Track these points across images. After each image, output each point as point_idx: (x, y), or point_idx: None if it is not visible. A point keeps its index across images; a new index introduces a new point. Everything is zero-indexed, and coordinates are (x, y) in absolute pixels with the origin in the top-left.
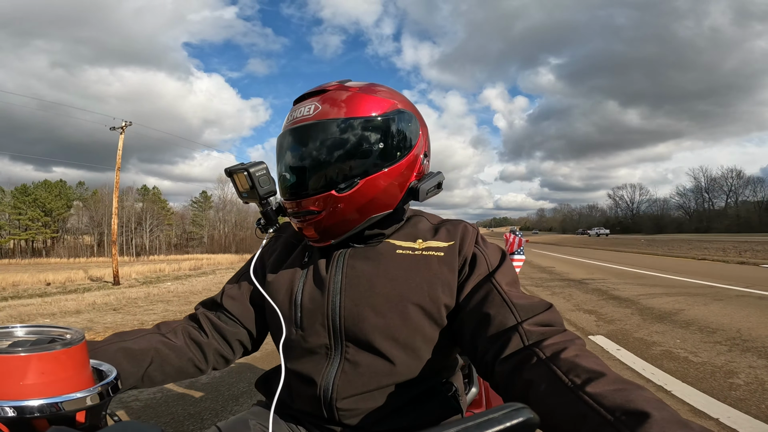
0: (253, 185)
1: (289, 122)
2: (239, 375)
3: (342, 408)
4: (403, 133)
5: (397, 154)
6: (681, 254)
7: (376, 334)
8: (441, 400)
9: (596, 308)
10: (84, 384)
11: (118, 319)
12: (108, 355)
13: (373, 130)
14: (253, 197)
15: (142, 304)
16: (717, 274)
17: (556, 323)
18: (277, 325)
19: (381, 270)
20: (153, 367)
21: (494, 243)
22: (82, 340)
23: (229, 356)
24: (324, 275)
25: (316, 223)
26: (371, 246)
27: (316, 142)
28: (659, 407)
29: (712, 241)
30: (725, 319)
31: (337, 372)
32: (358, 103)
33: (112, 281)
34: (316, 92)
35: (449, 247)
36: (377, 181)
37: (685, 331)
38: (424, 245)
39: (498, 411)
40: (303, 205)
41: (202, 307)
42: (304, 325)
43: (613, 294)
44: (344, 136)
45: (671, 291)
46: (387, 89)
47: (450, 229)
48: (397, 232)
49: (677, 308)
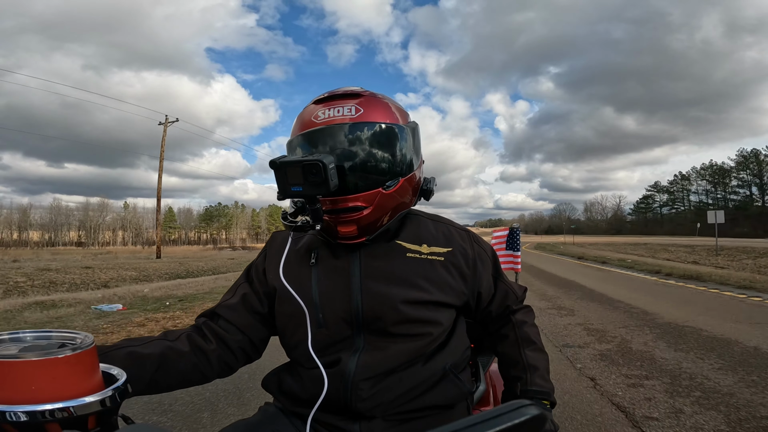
0: (324, 180)
1: (325, 119)
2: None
3: (358, 403)
4: (419, 141)
5: (418, 158)
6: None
7: (394, 329)
8: (451, 386)
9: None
10: (95, 388)
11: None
12: (116, 359)
13: (407, 135)
14: (311, 192)
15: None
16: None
17: (524, 300)
18: (298, 326)
19: (395, 268)
20: (160, 373)
21: (485, 240)
22: (92, 344)
23: (233, 364)
24: (341, 274)
25: (359, 219)
26: (383, 247)
27: (367, 140)
28: (545, 366)
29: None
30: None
31: (360, 357)
32: (393, 110)
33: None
34: (347, 95)
35: (448, 252)
36: (410, 181)
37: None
38: (429, 250)
39: (506, 408)
40: (348, 201)
41: (203, 317)
42: (327, 323)
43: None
44: (390, 139)
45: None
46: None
47: (447, 234)
48: (403, 233)
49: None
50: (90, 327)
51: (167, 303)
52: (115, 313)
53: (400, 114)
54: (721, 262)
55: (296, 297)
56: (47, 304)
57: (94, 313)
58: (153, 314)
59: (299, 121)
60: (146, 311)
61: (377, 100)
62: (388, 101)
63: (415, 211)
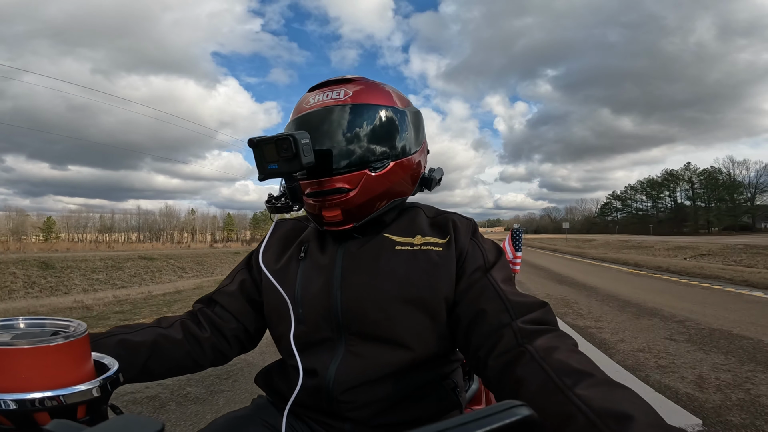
0: (295, 154)
1: (315, 103)
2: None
3: (343, 401)
4: (420, 127)
5: (418, 145)
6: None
7: (378, 328)
8: (441, 394)
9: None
10: (86, 377)
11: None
12: (108, 347)
13: (403, 119)
14: (285, 169)
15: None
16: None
17: (549, 322)
18: (280, 319)
19: (381, 264)
20: (152, 361)
21: (491, 239)
22: (85, 332)
23: (227, 352)
24: (323, 270)
25: (343, 203)
26: (370, 240)
27: (354, 122)
28: (644, 411)
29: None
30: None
31: (339, 365)
32: (389, 95)
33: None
34: (341, 80)
35: (446, 242)
36: (403, 166)
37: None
38: (423, 240)
39: (497, 408)
40: (331, 183)
41: (199, 303)
42: (306, 320)
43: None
44: (380, 121)
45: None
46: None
47: (446, 223)
48: (395, 225)
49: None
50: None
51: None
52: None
53: (399, 99)
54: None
55: (279, 288)
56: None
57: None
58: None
59: (294, 109)
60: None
61: (372, 85)
62: (386, 87)
63: (415, 204)
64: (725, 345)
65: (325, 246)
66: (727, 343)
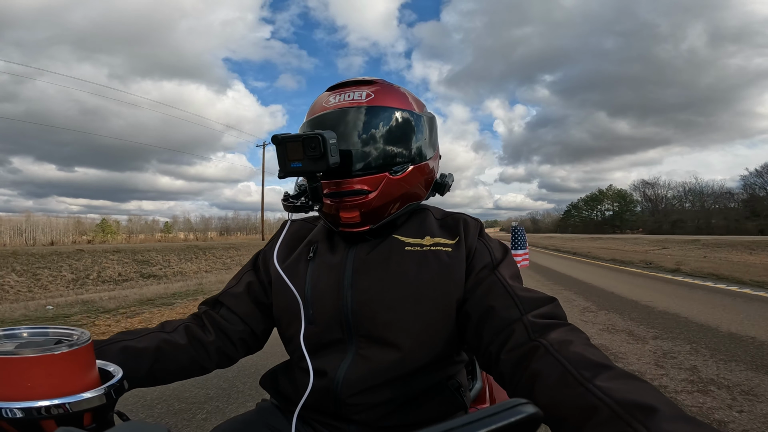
0: (322, 154)
1: (335, 103)
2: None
3: (350, 404)
4: (435, 132)
5: (433, 150)
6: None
7: (388, 330)
8: (446, 395)
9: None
10: (91, 384)
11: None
12: (112, 354)
13: (421, 123)
14: (310, 168)
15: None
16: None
17: (560, 316)
18: (291, 320)
19: (392, 265)
20: (157, 366)
21: (497, 239)
22: (89, 341)
23: (233, 355)
24: (333, 270)
25: (362, 204)
26: (380, 242)
27: (375, 124)
28: (666, 402)
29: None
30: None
31: (349, 367)
32: (406, 98)
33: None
34: (361, 82)
35: (456, 243)
36: (421, 170)
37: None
38: (432, 241)
39: (502, 407)
40: (350, 184)
41: (205, 305)
42: (317, 321)
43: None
44: (400, 124)
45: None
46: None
47: (455, 224)
48: (405, 226)
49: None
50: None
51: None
52: None
53: (416, 103)
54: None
55: (292, 287)
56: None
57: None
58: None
59: (311, 109)
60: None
61: (392, 88)
62: (405, 91)
63: (425, 206)
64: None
65: (334, 246)
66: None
